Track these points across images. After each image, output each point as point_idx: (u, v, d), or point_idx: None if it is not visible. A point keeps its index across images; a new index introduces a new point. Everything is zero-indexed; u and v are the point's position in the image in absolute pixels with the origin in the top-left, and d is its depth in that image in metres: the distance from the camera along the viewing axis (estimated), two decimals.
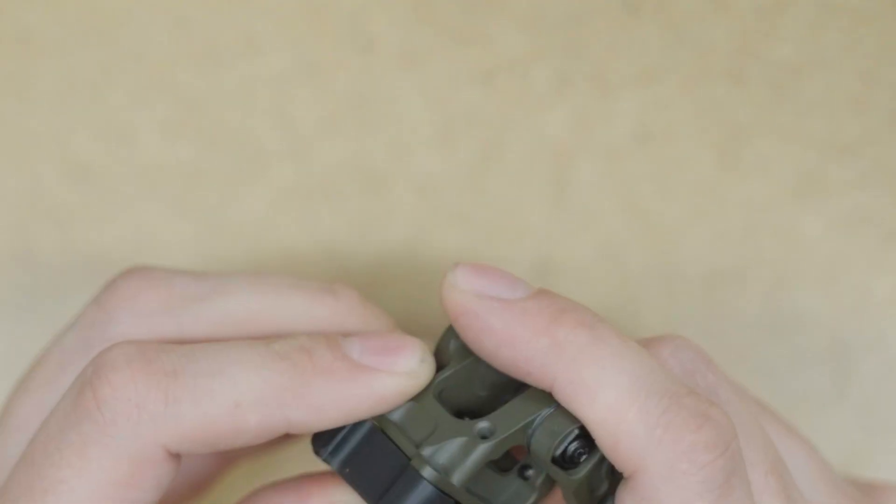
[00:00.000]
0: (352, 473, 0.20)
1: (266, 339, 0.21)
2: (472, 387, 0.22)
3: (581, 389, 0.19)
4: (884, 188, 0.33)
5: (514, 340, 0.20)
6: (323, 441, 0.21)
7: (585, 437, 0.20)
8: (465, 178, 0.32)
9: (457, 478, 0.20)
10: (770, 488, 0.20)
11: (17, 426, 0.22)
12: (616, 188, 0.33)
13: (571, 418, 0.20)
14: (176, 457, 0.20)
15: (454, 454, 0.20)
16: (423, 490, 0.19)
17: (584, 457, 0.20)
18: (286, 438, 0.22)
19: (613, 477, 0.21)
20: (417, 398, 0.21)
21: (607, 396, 0.19)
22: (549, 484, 0.21)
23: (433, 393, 0.21)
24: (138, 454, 0.19)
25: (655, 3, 0.31)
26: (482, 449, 0.20)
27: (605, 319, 0.20)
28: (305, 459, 0.22)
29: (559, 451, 0.20)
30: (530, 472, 0.21)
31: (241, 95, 0.31)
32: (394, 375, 0.20)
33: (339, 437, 0.20)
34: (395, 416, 0.20)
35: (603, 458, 0.20)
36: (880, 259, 0.33)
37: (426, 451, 0.20)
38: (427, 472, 0.20)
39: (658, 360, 0.21)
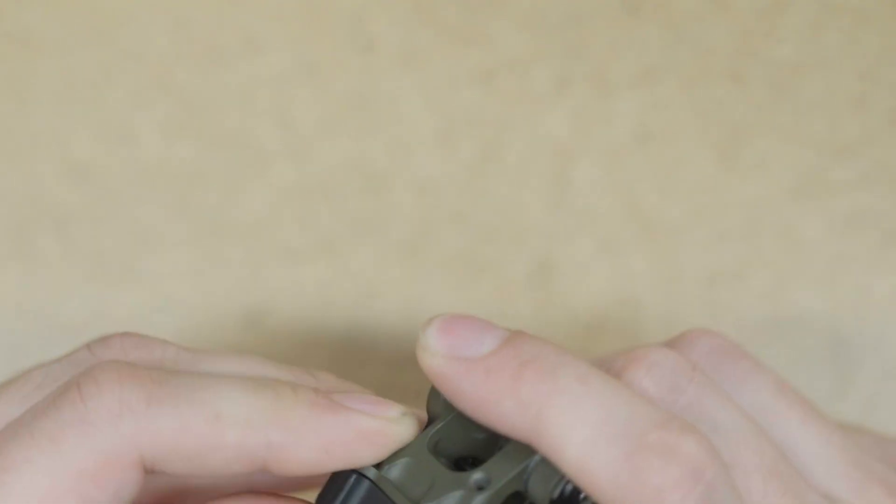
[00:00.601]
0: None
1: None
2: (469, 431, 0.22)
3: (550, 443, 0.19)
4: (884, 188, 0.33)
5: (483, 404, 0.20)
6: (326, 500, 0.21)
7: None
8: (465, 178, 0.32)
9: None
10: (771, 493, 0.20)
11: None
12: (616, 188, 0.33)
13: None
14: (144, 471, 0.20)
15: None
16: None
17: (581, 495, 0.20)
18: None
19: None
20: (413, 455, 0.21)
21: (572, 450, 0.19)
22: None
23: (428, 447, 0.21)
24: (112, 450, 0.19)
25: (655, 3, 0.31)
26: (479, 501, 0.20)
27: (568, 358, 0.20)
28: None
29: (556, 494, 0.20)
30: None
31: (241, 95, 0.31)
32: (375, 417, 0.20)
33: (341, 497, 0.21)
34: (393, 474, 0.20)
35: None
36: (880, 259, 0.33)
37: None
38: None
39: (632, 385, 0.20)
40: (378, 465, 0.20)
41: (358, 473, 0.20)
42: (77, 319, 0.32)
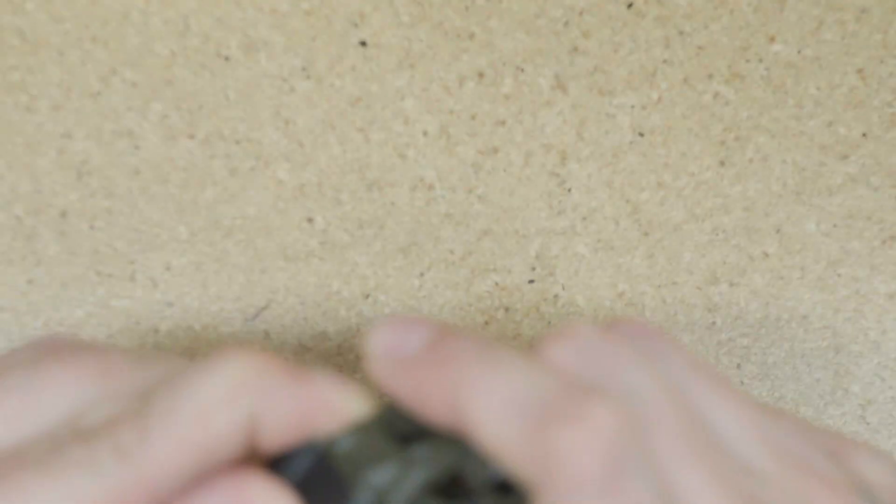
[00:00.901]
0: (302, 496, 0.21)
1: None
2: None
3: (469, 428, 0.20)
4: (884, 188, 0.33)
5: (414, 400, 0.21)
6: (279, 464, 0.21)
7: None
8: (465, 178, 0.32)
9: (396, 501, 0.20)
10: (685, 457, 0.20)
11: None
12: (616, 188, 0.33)
13: None
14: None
15: (392, 481, 0.20)
16: None
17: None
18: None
19: None
20: (364, 430, 0.22)
21: (486, 429, 0.20)
22: None
23: (380, 425, 0.22)
24: (123, 491, 0.20)
25: (655, 2, 0.31)
26: (414, 476, 0.20)
27: (481, 348, 0.21)
28: None
29: (492, 475, 0.21)
30: (480, 495, 0.22)
31: (242, 95, 0.31)
32: (338, 391, 0.21)
33: (293, 462, 0.21)
34: (342, 444, 0.21)
35: None
36: (880, 259, 0.33)
37: (366, 478, 0.20)
38: (366, 495, 0.20)
39: (553, 358, 0.21)
40: (329, 439, 0.21)
41: (309, 443, 0.21)
42: (77, 319, 0.32)
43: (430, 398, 0.21)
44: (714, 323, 0.34)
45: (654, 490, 0.19)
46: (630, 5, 0.31)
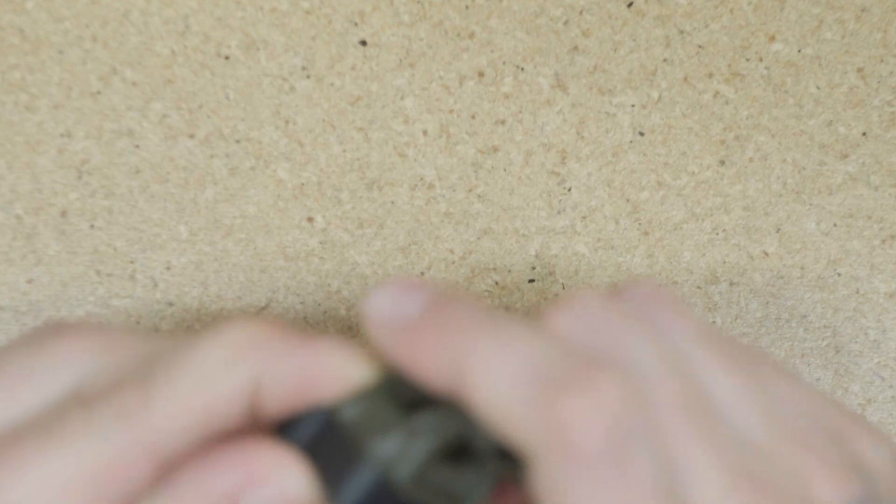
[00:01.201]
0: (309, 460, 0.21)
1: None
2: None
3: (471, 396, 0.20)
4: (883, 187, 0.33)
5: (413, 366, 0.21)
6: (285, 429, 0.21)
7: None
8: (465, 177, 0.32)
9: (403, 470, 0.20)
10: (687, 429, 0.20)
11: None
12: (616, 187, 0.33)
13: None
14: (160, 469, 0.20)
15: (398, 451, 0.20)
16: (368, 482, 0.20)
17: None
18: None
19: None
20: (370, 397, 0.21)
21: (489, 398, 0.19)
22: (502, 469, 0.22)
23: (386, 391, 0.21)
24: (126, 452, 0.19)
25: (655, 1, 0.31)
26: (423, 444, 0.20)
27: (484, 314, 0.21)
28: None
29: (491, 442, 0.21)
30: (484, 461, 0.22)
31: (241, 95, 0.31)
32: (344, 356, 0.21)
33: (299, 427, 0.21)
34: (348, 411, 0.21)
35: None
36: (880, 258, 0.33)
37: (373, 446, 0.20)
38: (373, 464, 0.20)
39: (556, 327, 0.21)
40: (335, 405, 0.21)
41: (315, 409, 0.21)
42: (77, 318, 0.32)
43: (430, 364, 0.20)
44: (714, 322, 0.34)
45: (656, 463, 0.19)
46: (630, 4, 0.31)
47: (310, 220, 0.32)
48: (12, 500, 0.19)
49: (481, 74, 0.31)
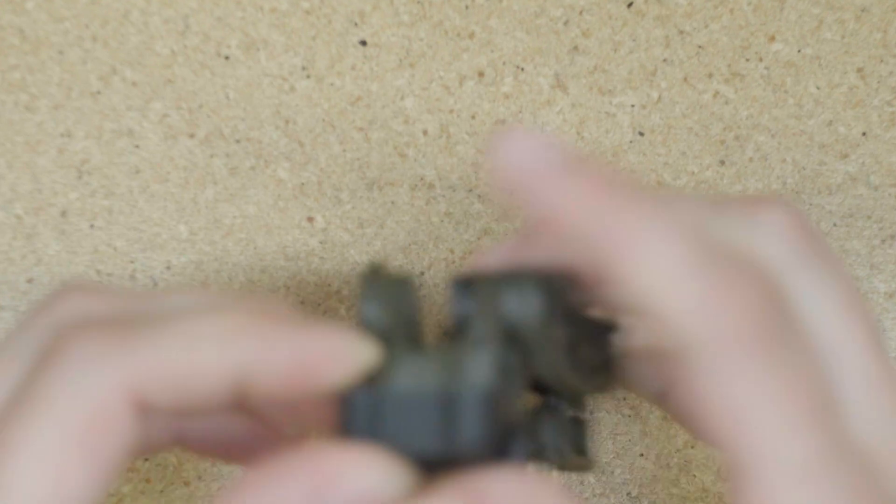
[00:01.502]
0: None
1: None
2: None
3: (625, 267, 0.18)
4: (883, 187, 0.33)
5: (557, 210, 0.19)
6: (342, 420, 0.20)
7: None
8: (465, 177, 0.32)
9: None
10: (850, 321, 0.21)
11: None
12: None
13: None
14: (140, 410, 0.19)
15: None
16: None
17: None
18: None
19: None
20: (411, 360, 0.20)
21: (653, 280, 0.18)
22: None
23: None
24: (101, 395, 0.19)
25: (655, 1, 0.31)
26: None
27: (649, 191, 0.20)
28: None
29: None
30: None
31: (242, 95, 0.31)
32: (345, 339, 0.20)
33: (350, 409, 0.20)
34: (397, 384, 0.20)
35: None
36: (880, 258, 0.33)
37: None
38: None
39: (770, 225, 0.21)
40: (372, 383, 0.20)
41: (361, 388, 0.20)
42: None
43: (582, 215, 0.19)
44: None
45: (807, 350, 0.19)
46: (630, 4, 0.31)
47: (310, 219, 0.32)
48: (16, 485, 0.18)
49: (481, 74, 0.31)
